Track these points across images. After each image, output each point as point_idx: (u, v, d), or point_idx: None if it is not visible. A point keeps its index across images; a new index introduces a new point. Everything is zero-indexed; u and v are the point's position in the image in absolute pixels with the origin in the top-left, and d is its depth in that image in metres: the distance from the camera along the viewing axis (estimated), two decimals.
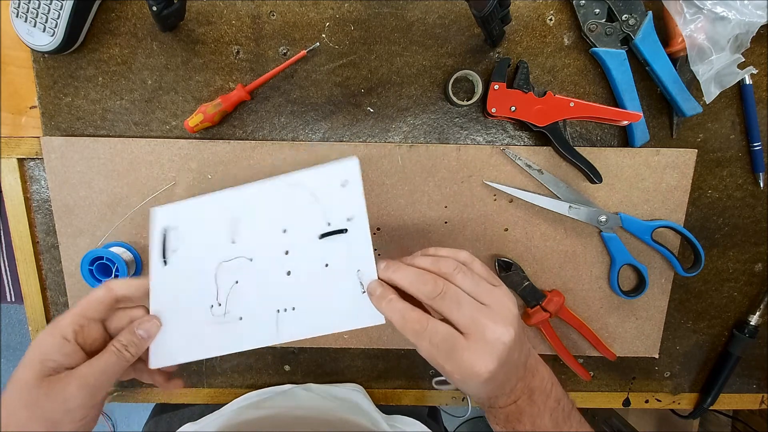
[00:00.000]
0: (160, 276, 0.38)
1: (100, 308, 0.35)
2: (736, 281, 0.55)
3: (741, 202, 0.53)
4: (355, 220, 0.37)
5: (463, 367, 0.31)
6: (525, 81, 0.47)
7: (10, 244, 0.53)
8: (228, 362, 0.57)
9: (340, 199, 0.37)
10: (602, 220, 0.50)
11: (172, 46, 0.48)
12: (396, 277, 0.33)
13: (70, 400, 0.32)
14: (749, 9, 0.44)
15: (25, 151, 0.50)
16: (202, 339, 0.38)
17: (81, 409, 0.32)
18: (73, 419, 0.32)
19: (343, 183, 0.37)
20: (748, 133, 0.50)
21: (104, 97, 0.49)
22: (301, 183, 0.38)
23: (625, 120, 0.47)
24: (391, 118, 0.50)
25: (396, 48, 0.48)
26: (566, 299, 0.52)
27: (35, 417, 0.31)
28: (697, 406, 0.59)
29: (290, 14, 0.47)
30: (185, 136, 0.50)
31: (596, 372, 0.58)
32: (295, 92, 0.49)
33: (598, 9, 0.46)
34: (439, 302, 0.32)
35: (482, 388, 0.32)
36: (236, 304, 0.38)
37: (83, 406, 0.32)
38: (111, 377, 0.34)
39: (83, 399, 0.32)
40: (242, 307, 0.38)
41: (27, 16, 0.44)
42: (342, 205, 0.37)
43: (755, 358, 0.57)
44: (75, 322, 0.34)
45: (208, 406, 0.59)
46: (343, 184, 0.37)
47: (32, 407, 0.31)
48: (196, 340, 0.38)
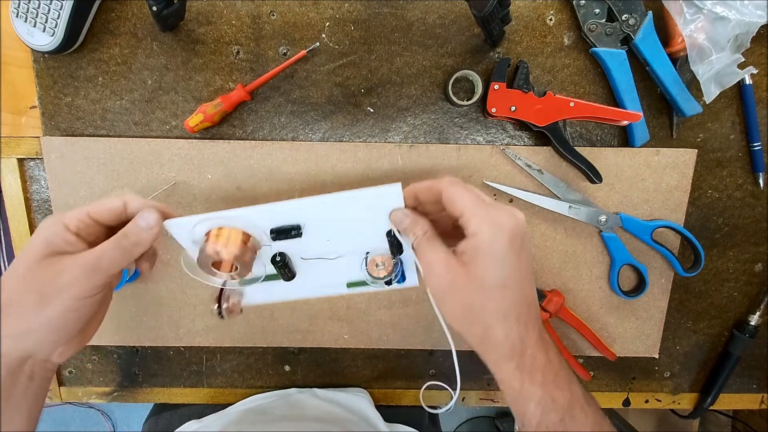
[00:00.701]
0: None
1: (108, 214, 0.34)
2: (736, 281, 0.55)
3: (741, 202, 0.53)
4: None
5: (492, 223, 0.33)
6: (525, 81, 0.47)
7: (10, 244, 0.53)
8: (228, 362, 0.57)
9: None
10: (602, 220, 0.50)
11: (172, 46, 0.48)
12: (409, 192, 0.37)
13: (63, 275, 0.31)
14: (749, 9, 0.44)
15: (25, 151, 0.50)
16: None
17: (76, 287, 0.32)
18: (68, 296, 0.32)
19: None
20: (748, 133, 0.50)
21: (104, 97, 0.49)
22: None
23: (625, 120, 0.47)
24: (391, 118, 0.50)
25: (396, 48, 0.48)
26: (566, 299, 0.52)
27: (30, 288, 0.31)
28: (697, 406, 0.59)
29: (290, 14, 0.47)
30: (185, 136, 0.50)
31: (596, 372, 0.58)
32: (295, 92, 0.49)
33: (598, 9, 0.46)
34: (448, 186, 0.35)
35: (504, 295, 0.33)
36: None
37: (78, 285, 0.32)
38: (110, 263, 0.33)
39: (78, 277, 0.32)
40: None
41: (27, 16, 0.44)
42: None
43: (755, 358, 0.57)
44: (80, 218, 0.33)
45: (207, 406, 0.59)
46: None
47: (29, 279, 0.32)
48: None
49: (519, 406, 0.34)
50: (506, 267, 0.33)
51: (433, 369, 0.58)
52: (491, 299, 0.33)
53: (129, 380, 0.57)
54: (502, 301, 0.33)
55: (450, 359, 0.57)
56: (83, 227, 0.34)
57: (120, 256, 0.33)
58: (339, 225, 0.40)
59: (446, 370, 0.58)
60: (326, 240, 0.41)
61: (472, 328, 0.34)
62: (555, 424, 0.33)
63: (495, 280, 0.33)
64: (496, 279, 0.33)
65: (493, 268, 0.33)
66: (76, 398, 0.58)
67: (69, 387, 0.58)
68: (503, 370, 0.34)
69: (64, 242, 0.33)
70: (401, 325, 0.54)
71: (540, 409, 0.33)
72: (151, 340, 0.55)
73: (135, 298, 0.53)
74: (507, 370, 0.34)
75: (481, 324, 0.34)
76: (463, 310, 0.34)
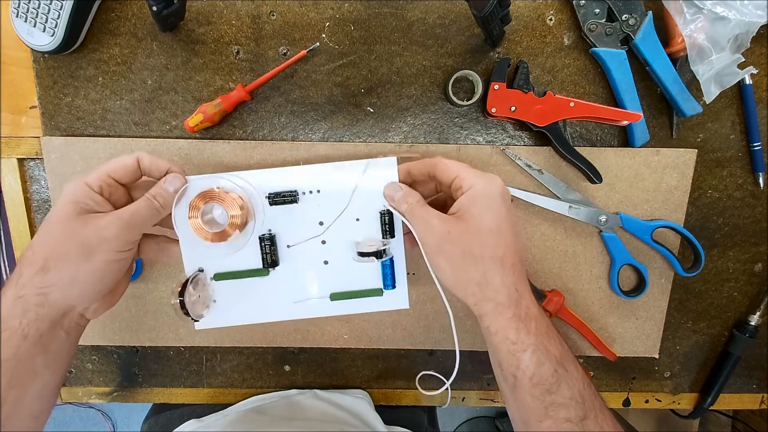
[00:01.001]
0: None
1: (125, 172, 0.37)
2: (736, 281, 0.55)
3: (741, 202, 0.53)
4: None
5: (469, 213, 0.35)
6: (525, 81, 0.47)
7: (10, 244, 0.53)
8: (228, 362, 0.57)
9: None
10: (602, 220, 0.50)
11: (172, 46, 0.48)
12: (402, 170, 0.40)
13: (105, 229, 0.34)
14: (749, 9, 0.44)
15: (25, 151, 0.50)
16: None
17: (116, 240, 0.34)
18: (109, 249, 0.34)
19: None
20: (748, 133, 0.50)
21: (104, 97, 0.49)
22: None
23: (625, 120, 0.47)
24: (391, 118, 0.50)
25: (396, 48, 0.48)
26: (566, 299, 0.52)
27: (72, 241, 0.33)
28: (697, 406, 0.59)
29: (290, 14, 0.47)
30: (185, 136, 0.50)
31: (596, 372, 0.58)
32: (295, 92, 0.49)
33: (598, 9, 0.46)
34: (441, 159, 0.38)
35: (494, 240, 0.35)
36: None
37: (118, 238, 0.34)
38: (143, 220, 0.36)
39: (118, 231, 0.34)
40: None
41: (27, 16, 0.44)
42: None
43: (755, 358, 0.57)
44: (101, 179, 0.36)
45: (206, 406, 0.59)
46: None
47: (69, 234, 0.33)
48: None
49: (513, 360, 0.34)
50: (500, 215, 0.35)
51: (433, 369, 0.58)
52: (488, 244, 0.35)
53: (129, 380, 0.57)
54: (498, 247, 0.35)
55: (450, 359, 0.57)
56: (105, 187, 0.36)
57: (151, 215, 0.37)
58: (331, 201, 0.41)
59: (446, 370, 0.58)
60: (318, 222, 0.42)
61: (470, 274, 0.35)
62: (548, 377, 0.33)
63: (491, 225, 0.35)
64: (491, 224, 0.35)
65: (489, 214, 0.35)
66: (76, 398, 0.58)
67: (69, 387, 0.58)
68: (500, 319, 0.35)
69: (93, 202, 0.35)
70: (401, 325, 0.54)
71: (535, 359, 0.34)
72: (151, 340, 0.55)
73: (135, 298, 0.53)
74: (504, 319, 0.35)
75: (480, 269, 0.35)
76: (462, 257, 0.35)
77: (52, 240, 0.34)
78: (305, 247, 0.42)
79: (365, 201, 0.41)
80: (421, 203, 0.38)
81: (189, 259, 0.41)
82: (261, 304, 0.43)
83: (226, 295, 0.42)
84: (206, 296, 0.42)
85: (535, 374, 0.34)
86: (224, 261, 0.42)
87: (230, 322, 0.43)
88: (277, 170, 0.41)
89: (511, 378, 0.35)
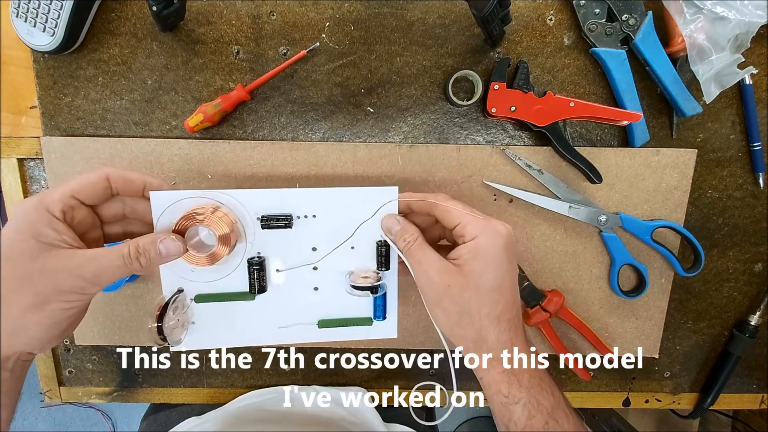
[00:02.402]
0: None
1: (92, 192, 0.33)
2: (736, 281, 0.55)
3: (741, 202, 0.53)
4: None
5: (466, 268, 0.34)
6: (525, 81, 0.47)
7: None
8: (228, 362, 0.57)
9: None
10: (602, 220, 0.50)
11: (172, 46, 0.48)
12: (403, 199, 0.38)
13: (64, 284, 0.31)
14: (749, 9, 0.44)
15: (25, 151, 0.50)
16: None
17: (72, 294, 0.31)
18: (63, 300, 0.31)
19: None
20: (748, 133, 0.50)
21: (104, 97, 0.49)
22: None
23: (625, 120, 0.47)
24: (391, 118, 0.50)
25: (396, 48, 0.48)
26: (566, 299, 0.52)
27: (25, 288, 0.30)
28: (697, 406, 0.59)
29: (290, 14, 0.47)
30: (185, 136, 0.50)
31: (596, 372, 0.58)
32: (295, 92, 0.49)
33: (598, 9, 0.46)
34: (437, 201, 0.36)
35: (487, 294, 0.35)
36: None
37: (76, 291, 0.31)
38: (110, 277, 0.32)
39: (76, 286, 0.31)
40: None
41: (27, 16, 0.44)
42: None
43: (755, 358, 0.57)
44: (64, 201, 0.32)
45: (205, 405, 0.58)
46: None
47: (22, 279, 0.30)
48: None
49: (505, 412, 0.35)
50: (502, 271, 0.35)
51: (433, 369, 0.58)
52: (487, 302, 0.34)
53: (129, 380, 0.57)
54: (496, 304, 0.34)
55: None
56: (68, 210, 0.32)
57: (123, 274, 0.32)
58: (328, 228, 0.39)
59: (446, 370, 0.58)
60: (311, 248, 0.40)
61: (466, 331, 0.35)
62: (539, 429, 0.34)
63: (492, 283, 0.34)
64: (493, 281, 0.34)
65: (491, 272, 0.34)
66: (76, 398, 0.58)
67: (69, 387, 0.58)
68: (492, 372, 0.35)
69: (54, 232, 0.31)
70: (401, 326, 0.54)
71: (526, 412, 0.34)
72: (151, 340, 0.54)
73: (135, 298, 0.53)
74: (496, 372, 0.35)
75: (476, 326, 0.35)
76: (459, 314, 0.35)
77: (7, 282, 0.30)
78: (295, 272, 0.40)
79: (362, 229, 0.39)
80: (420, 243, 0.36)
81: (168, 280, 0.38)
82: (244, 327, 0.40)
83: (207, 316, 0.40)
84: (185, 319, 0.39)
85: (526, 426, 0.34)
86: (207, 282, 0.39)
87: (209, 345, 0.41)
88: (273, 191, 0.38)
89: (504, 428, 0.36)
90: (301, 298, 0.41)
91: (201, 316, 0.40)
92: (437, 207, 0.37)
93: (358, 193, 0.39)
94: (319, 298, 0.41)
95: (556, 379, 0.58)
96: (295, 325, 0.41)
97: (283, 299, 0.40)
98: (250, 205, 0.38)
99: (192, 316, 0.39)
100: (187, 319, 0.39)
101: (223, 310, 0.40)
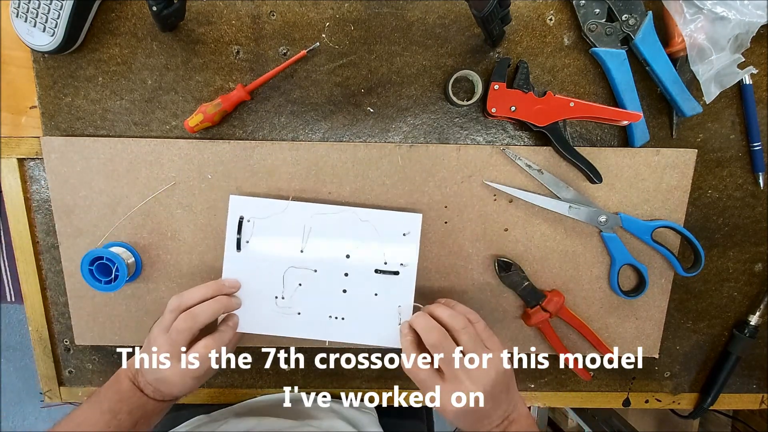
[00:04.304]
0: (232, 259, 0.48)
1: (188, 336, 0.44)
2: (736, 281, 0.55)
3: (741, 202, 0.53)
4: (407, 267, 0.48)
5: (439, 401, 0.40)
6: (525, 81, 0.47)
7: (10, 244, 0.53)
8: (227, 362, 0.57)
9: (399, 245, 0.48)
10: (602, 220, 0.50)
11: (172, 46, 0.48)
12: (416, 324, 0.42)
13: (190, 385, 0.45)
14: (749, 9, 0.44)
15: (25, 151, 0.50)
16: (264, 319, 0.49)
17: (199, 379, 0.46)
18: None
19: (405, 232, 0.48)
20: (748, 133, 0.50)
21: (104, 97, 0.49)
22: (371, 220, 0.48)
23: (625, 120, 0.47)
24: (391, 118, 0.50)
25: (396, 48, 0.48)
26: (566, 299, 0.52)
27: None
28: (697, 406, 0.59)
29: (290, 14, 0.47)
30: (185, 136, 0.50)
31: (596, 372, 0.58)
32: (295, 92, 0.49)
33: (598, 9, 0.46)
34: (437, 353, 0.40)
35: (455, 420, 0.41)
36: (297, 302, 0.49)
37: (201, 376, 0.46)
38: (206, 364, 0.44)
39: (191, 383, 0.45)
40: (302, 305, 0.49)
41: (27, 16, 0.44)
42: (400, 250, 0.48)
43: (755, 358, 0.57)
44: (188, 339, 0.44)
45: (206, 406, 0.58)
46: (405, 233, 0.48)
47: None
48: (260, 319, 0.49)
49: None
50: (500, 392, 0.41)
51: None
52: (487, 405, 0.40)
53: None
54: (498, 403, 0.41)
55: None
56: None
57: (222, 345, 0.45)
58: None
59: None
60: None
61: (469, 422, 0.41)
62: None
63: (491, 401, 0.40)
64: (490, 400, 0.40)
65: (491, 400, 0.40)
66: (76, 398, 0.58)
67: (69, 387, 0.58)
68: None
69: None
70: None
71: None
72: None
73: (135, 298, 0.53)
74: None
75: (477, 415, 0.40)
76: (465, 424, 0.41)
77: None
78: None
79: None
80: (425, 371, 0.41)
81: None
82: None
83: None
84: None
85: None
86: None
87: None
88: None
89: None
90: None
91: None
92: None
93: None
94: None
95: (557, 379, 0.58)
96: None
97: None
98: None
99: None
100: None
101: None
